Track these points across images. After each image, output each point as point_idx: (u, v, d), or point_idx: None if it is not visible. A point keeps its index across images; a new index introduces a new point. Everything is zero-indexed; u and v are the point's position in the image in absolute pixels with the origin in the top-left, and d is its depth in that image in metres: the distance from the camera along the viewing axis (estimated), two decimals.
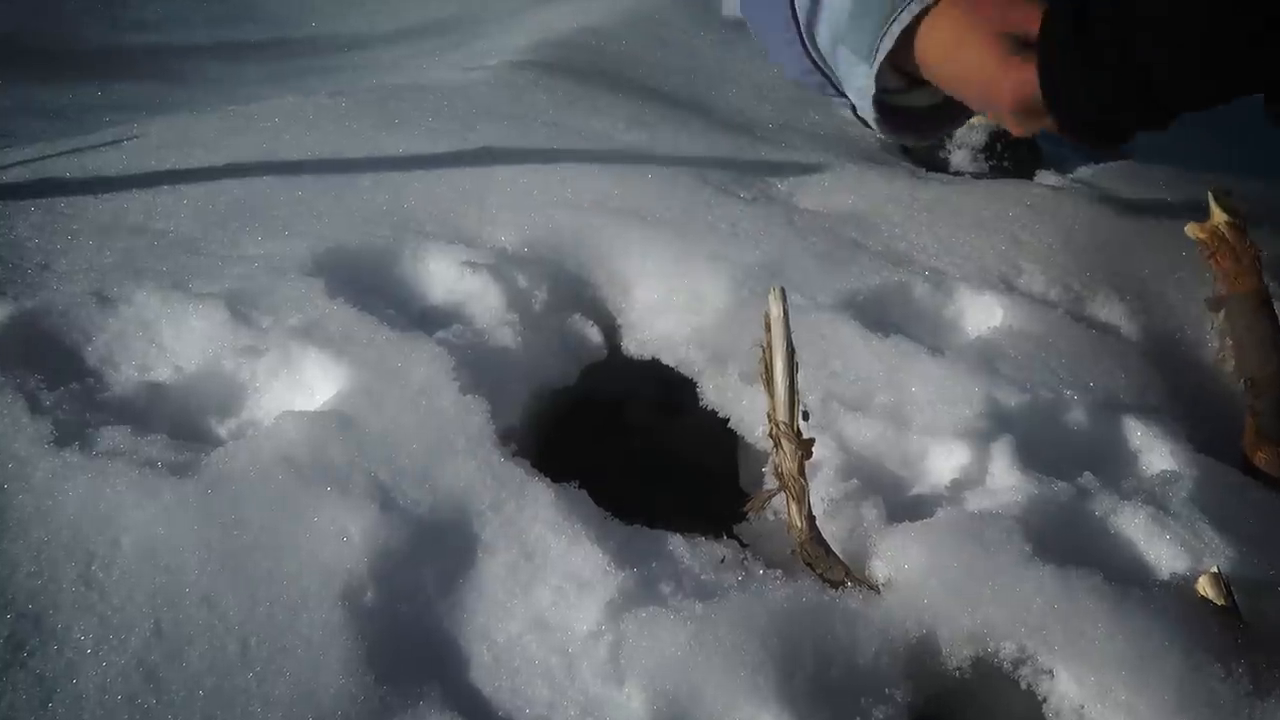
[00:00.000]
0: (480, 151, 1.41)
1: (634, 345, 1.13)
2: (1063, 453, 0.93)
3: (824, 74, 1.15)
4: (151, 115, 1.63)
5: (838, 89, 1.14)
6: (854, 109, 1.14)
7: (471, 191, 1.29)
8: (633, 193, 1.30)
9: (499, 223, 1.22)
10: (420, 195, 1.27)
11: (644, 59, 2.04)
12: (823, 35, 1.09)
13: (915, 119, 1.13)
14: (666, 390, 1.14)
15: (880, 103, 1.09)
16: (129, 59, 2.51)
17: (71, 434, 0.82)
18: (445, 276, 1.12)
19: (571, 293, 1.15)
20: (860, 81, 1.08)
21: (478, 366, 0.95)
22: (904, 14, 0.99)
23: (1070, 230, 1.27)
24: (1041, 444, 0.93)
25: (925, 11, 1.00)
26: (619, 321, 1.14)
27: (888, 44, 1.01)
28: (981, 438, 0.92)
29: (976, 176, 1.61)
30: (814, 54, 1.13)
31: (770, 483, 0.85)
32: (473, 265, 1.11)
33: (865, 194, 1.37)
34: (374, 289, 1.09)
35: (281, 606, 0.71)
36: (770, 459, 0.82)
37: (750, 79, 1.94)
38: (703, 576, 0.81)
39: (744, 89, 1.90)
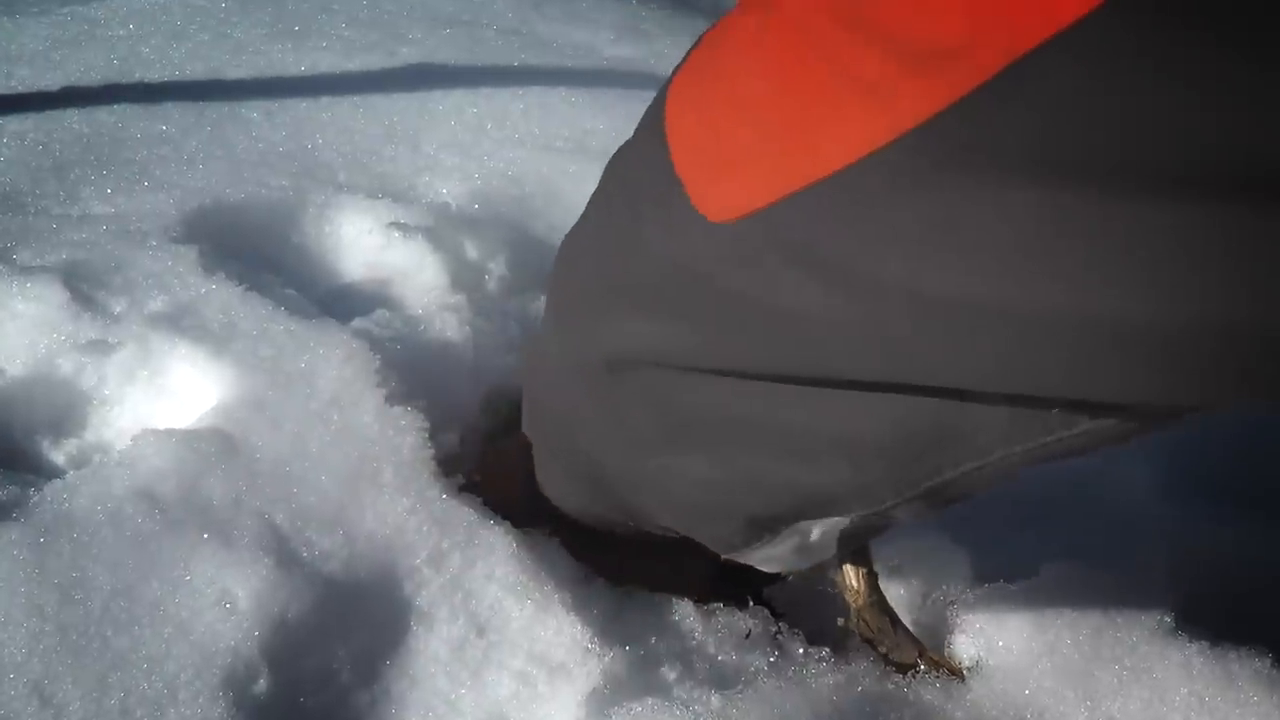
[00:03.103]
0: (413, 71, 1.41)
1: None
2: (1222, 482, 0.94)
3: None
4: None
5: None
6: None
7: (401, 127, 1.29)
8: (622, 128, 1.30)
9: (439, 169, 1.22)
10: (330, 131, 1.27)
11: None
12: None
13: None
14: None
15: None
16: None
17: None
18: (365, 244, 1.12)
19: (538, 266, 1.15)
20: None
21: (410, 368, 0.95)
22: None
23: None
24: (1194, 471, 0.94)
25: None
26: None
27: None
28: (1106, 462, 0.93)
29: None
30: None
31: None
32: (403, 228, 1.11)
33: None
34: (266, 261, 1.09)
35: (140, 699, 0.71)
36: None
37: None
38: (720, 657, 0.81)
39: None
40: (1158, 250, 0.43)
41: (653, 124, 0.65)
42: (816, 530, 0.69)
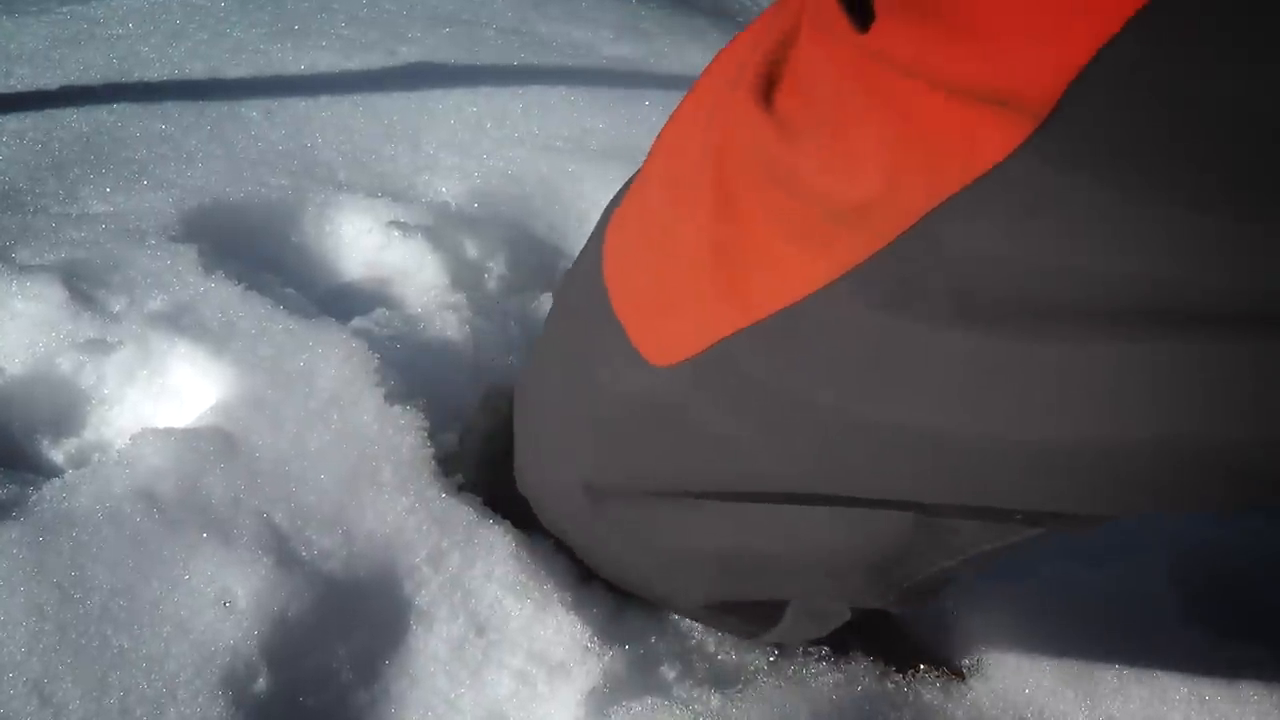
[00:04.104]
0: (413, 70, 1.41)
1: None
2: None
3: None
4: None
5: None
6: None
7: (401, 126, 1.29)
8: (623, 127, 1.31)
9: (439, 168, 1.22)
10: (330, 130, 1.27)
11: None
12: None
13: None
14: None
15: None
16: None
17: None
18: (365, 243, 1.12)
19: (538, 264, 1.15)
20: None
21: (410, 367, 0.95)
22: None
23: None
24: None
25: None
26: None
27: None
28: None
29: None
30: None
31: None
32: (402, 227, 1.11)
33: None
34: (266, 260, 1.09)
35: (140, 697, 0.71)
36: None
37: None
38: (720, 656, 0.81)
39: None
40: (1089, 382, 0.45)
41: (594, 257, 0.69)
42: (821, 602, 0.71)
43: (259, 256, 1.08)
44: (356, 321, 1.00)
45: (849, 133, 0.48)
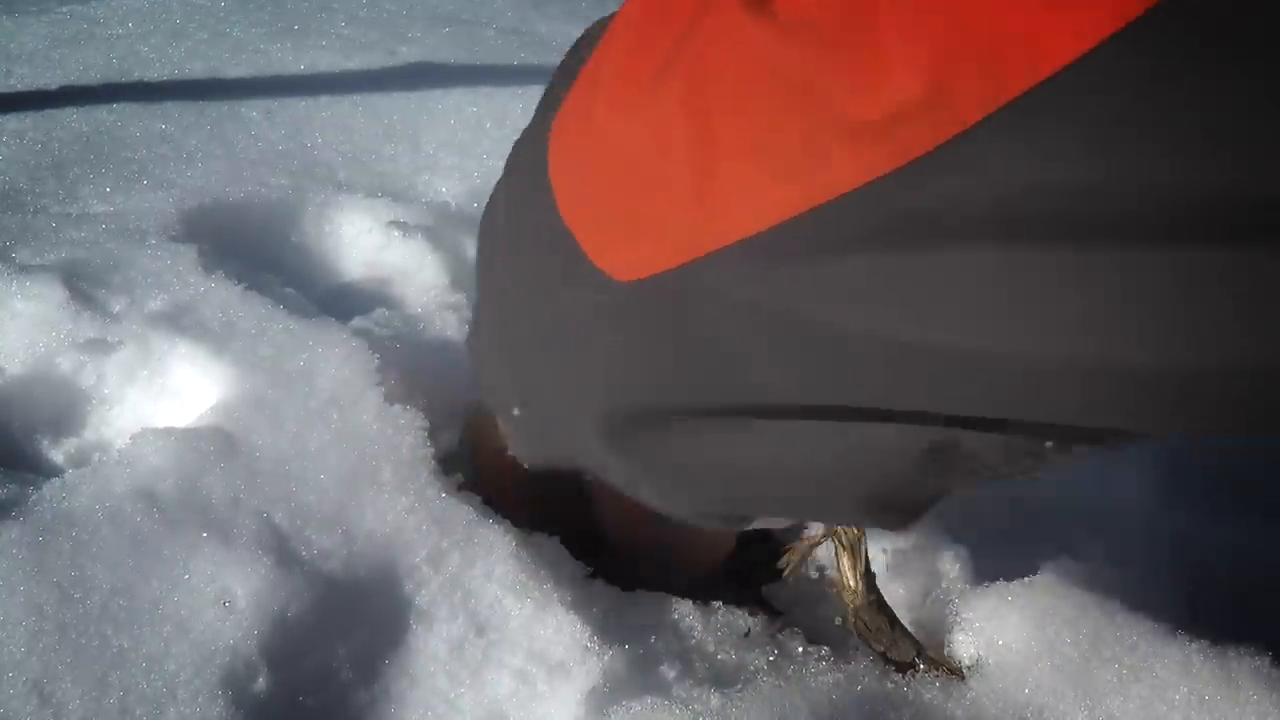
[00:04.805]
0: (413, 70, 1.41)
1: None
2: (1222, 482, 0.94)
3: None
4: None
5: None
6: None
7: (401, 126, 1.29)
8: None
9: (439, 168, 1.22)
10: (330, 130, 1.27)
11: None
12: None
13: None
14: None
15: None
16: None
17: None
18: (365, 242, 1.12)
19: None
20: None
21: (410, 367, 0.95)
22: None
23: None
24: (1193, 470, 0.93)
25: None
26: None
27: None
28: (1106, 463, 0.93)
29: None
30: None
31: (813, 528, 0.85)
32: (402, 227, 1.11)
33: None
34: (266, 260, 1.09)
35: (140, 697, 0.71)
36: None
37: None
38: (720, 655, 0.81)
39: None
40: (1137, 296, 0.42)
41: (537, 156, 0.64)
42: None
43: (259, 256, 1.09)
44: (356, 321, 1.00)
45: (877, 34, 0.43)
